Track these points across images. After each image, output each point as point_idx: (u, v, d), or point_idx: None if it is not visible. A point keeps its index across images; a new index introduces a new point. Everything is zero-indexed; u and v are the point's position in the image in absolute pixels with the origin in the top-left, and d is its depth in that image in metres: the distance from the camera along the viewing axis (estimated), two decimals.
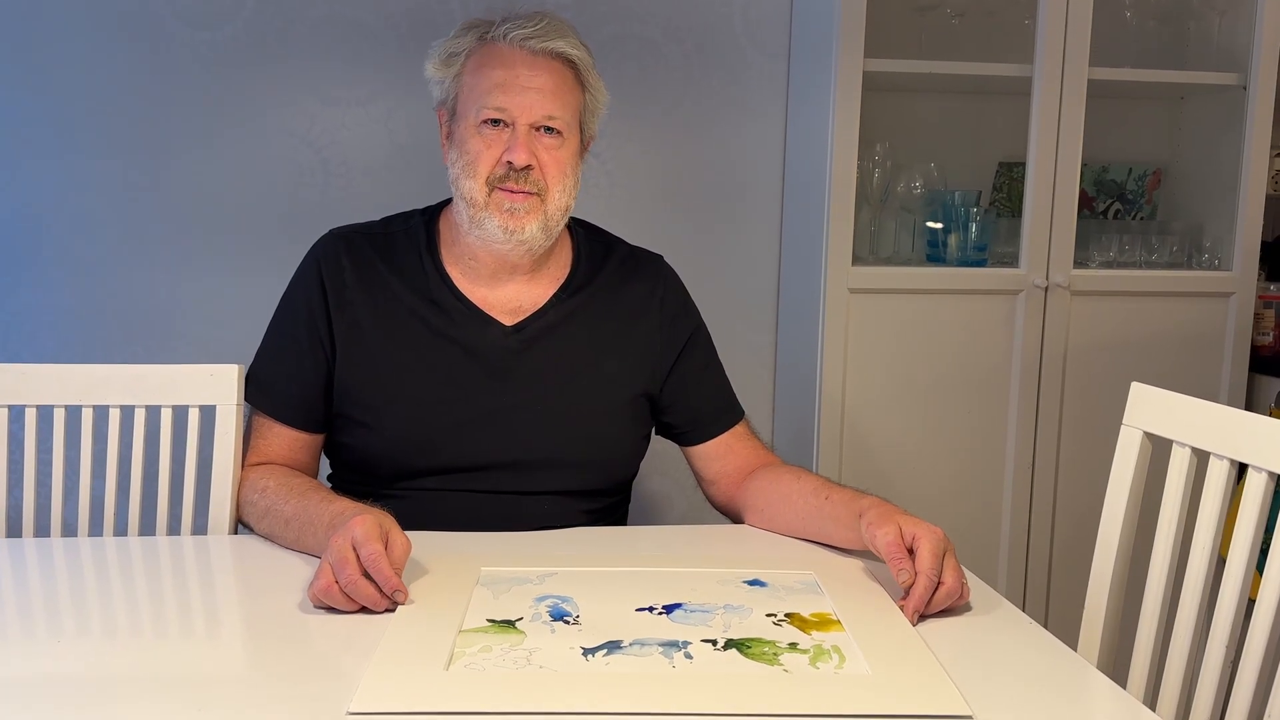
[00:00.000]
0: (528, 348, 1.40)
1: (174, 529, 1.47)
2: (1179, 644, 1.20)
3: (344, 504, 1.20)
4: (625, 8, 2.40)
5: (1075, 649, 1.06)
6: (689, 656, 0.96)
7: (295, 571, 1.19)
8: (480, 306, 1.40)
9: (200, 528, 1.43)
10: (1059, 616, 2.29)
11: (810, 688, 0.90)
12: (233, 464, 1.40)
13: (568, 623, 1.03)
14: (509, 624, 1.03)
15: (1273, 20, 2.21)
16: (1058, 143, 2.19)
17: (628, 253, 1.52)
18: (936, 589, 1.07)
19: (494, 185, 1.34)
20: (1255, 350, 2.32)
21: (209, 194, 2.36)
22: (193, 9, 2.31)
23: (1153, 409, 1.30)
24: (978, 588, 1.17)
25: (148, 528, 1.48)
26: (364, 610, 1.06)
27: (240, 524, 1.39)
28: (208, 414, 1.43)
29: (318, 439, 1.43)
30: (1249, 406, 2.28)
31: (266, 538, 1.31)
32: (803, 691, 0.89)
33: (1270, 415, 2.02)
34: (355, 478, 1.43)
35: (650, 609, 1.07)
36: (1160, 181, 2.55)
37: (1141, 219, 2.54)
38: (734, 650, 0.98)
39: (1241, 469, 1.19)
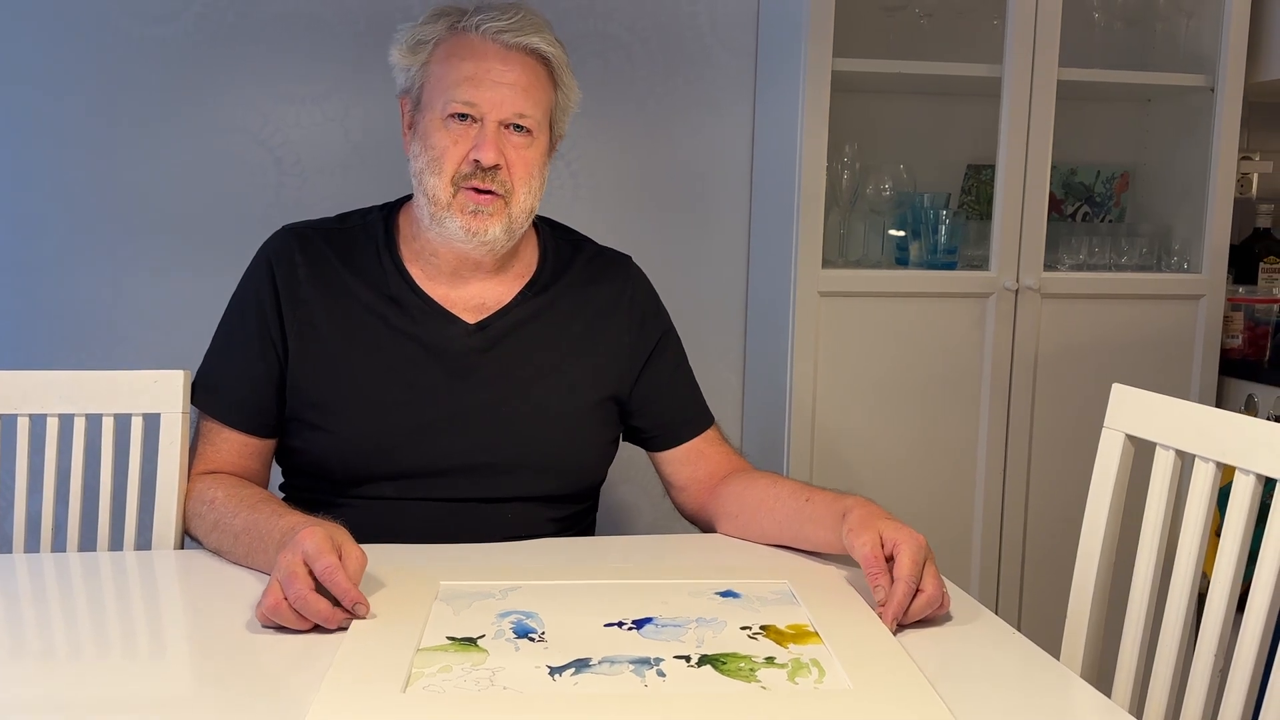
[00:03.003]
0: (491, 346, 1.35)
1: (116, 544, 1.40)
2: (1165, 652, 1.17)
3: (296, 518, 1.14)
4: (589, 5, 2.36)
5: (1055, 656, 1.02)
6: (661, 674, 0.91)
7: (244, 588, 1.13)
8: (442, 304, 1.35)
9: (144, 543, 1.36)
10: (1033, 620, 2.27)
11: (789, 704, 0.86)
12: (178, 475, 1.34)
13: (533, 640, 0.97)
14: (470, 641, 0.97)
15: (1239, 22, 2.21)
16: (1027, 144, 2.18)
17: (596, 252, 1.47)
18: (915, 596, 1.03)
19: (459, 184, 1.29)
20: (1224, 353, 2.31)
21: (157, 193, 2.28)
22: (143, 4, 2.23)
23: (1135, 411, 1.27)
24: (958, 597, 1.14)
25: (88, 543, 1.41)
26: (317, 629, 1.00)
27: (188, 537, 1.33)
28: (152, 423, 1.36)
29: (269, 445, 1.37)
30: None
31: (215, 552, 1.25)
32: (782, 708, 0.85)
33: None
34: (308, 484, 1.37)
35: (620, 624, 1.01)
36: (1128, 184, 2.54)
37: (1110, 221, 2.53)
38: (709, 666, 0.92)
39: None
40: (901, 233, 2.29)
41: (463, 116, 1.28)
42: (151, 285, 2.30)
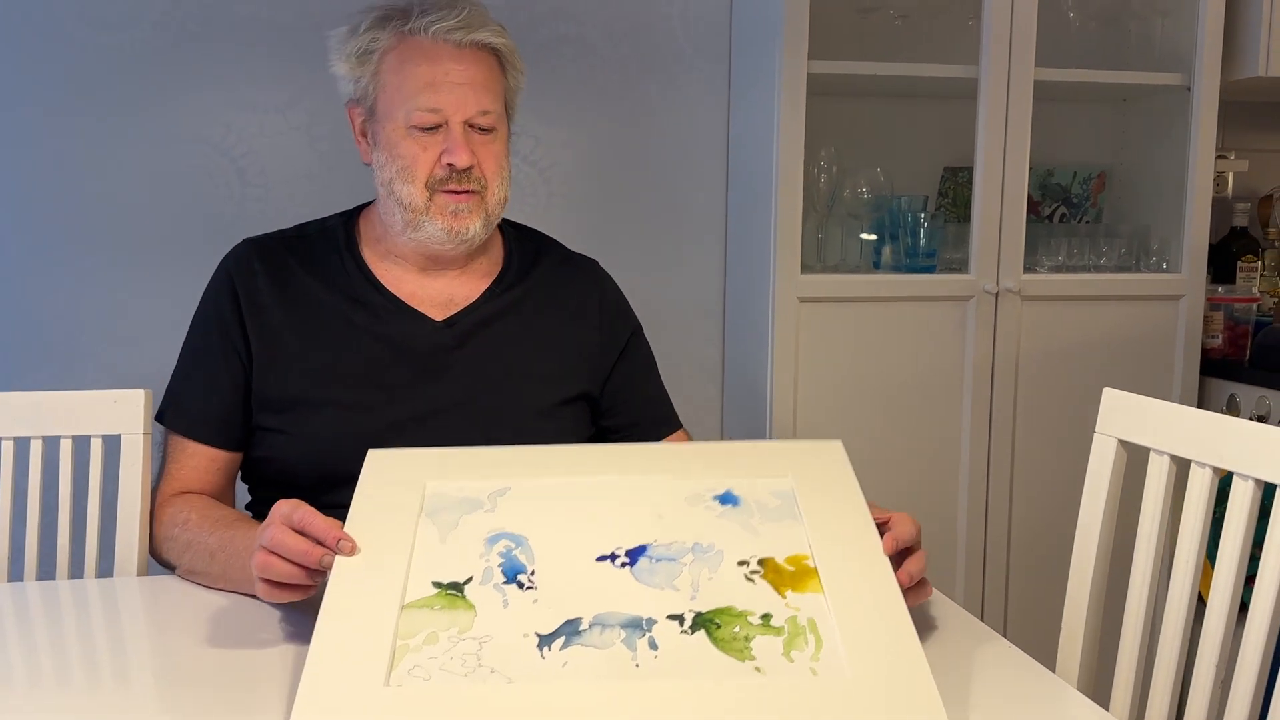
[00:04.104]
0: (460, 344, 1.33)
1: (76, 572, 1.34)
2: (1165, 663, 1.14)
3: None
4: (562, 8, 2.32)
5: (1046, 666, 1.00)
6: (654, 646, 0.86)
7: (212, 616, 1.09)
8: (408, 302, 1.34)
9: (106, 570, 1.31)
10: (1019, 626, 2.24)
11: (782, 698, 0.82)
12: (140, 499, 1.29)
13: (522, 586, 0.92)
14: (457, 592, 0.91)
15: (1214, 21, 2.20)
16: (1005, 145, 2.16)
17: (563, 255, 1.48)
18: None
19: (434, 188, 1.28)
20: (1205, 353, 2.30)
21: (116, 206, 2.21)
22: (97, 9, 2.16)
23: (1127, 415, 1.24)
24: (948, 608, 1.12)
25: (46, 571, 1.36)
26: (305, 588, 0.99)
27: (160, 563, 1.28)
28: (112, 445, 1.31)
29: (236, 459, 1.34)
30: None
31: (189, 575, 1.20)
32: (775, 701, 0.82)
33: None
34: (278, 494, 1.31)
35: (612, 557, 0.95)
36: (1105, 184, 2.53)
37: (1087, 222, 2.52)
38: (702, 633, 0.87)
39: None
40: (885, 231, 2.26)
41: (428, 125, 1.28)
42: (111, 301, 2.23)
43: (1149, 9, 2.33)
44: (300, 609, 1.06)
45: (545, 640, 0.86)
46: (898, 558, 1.00)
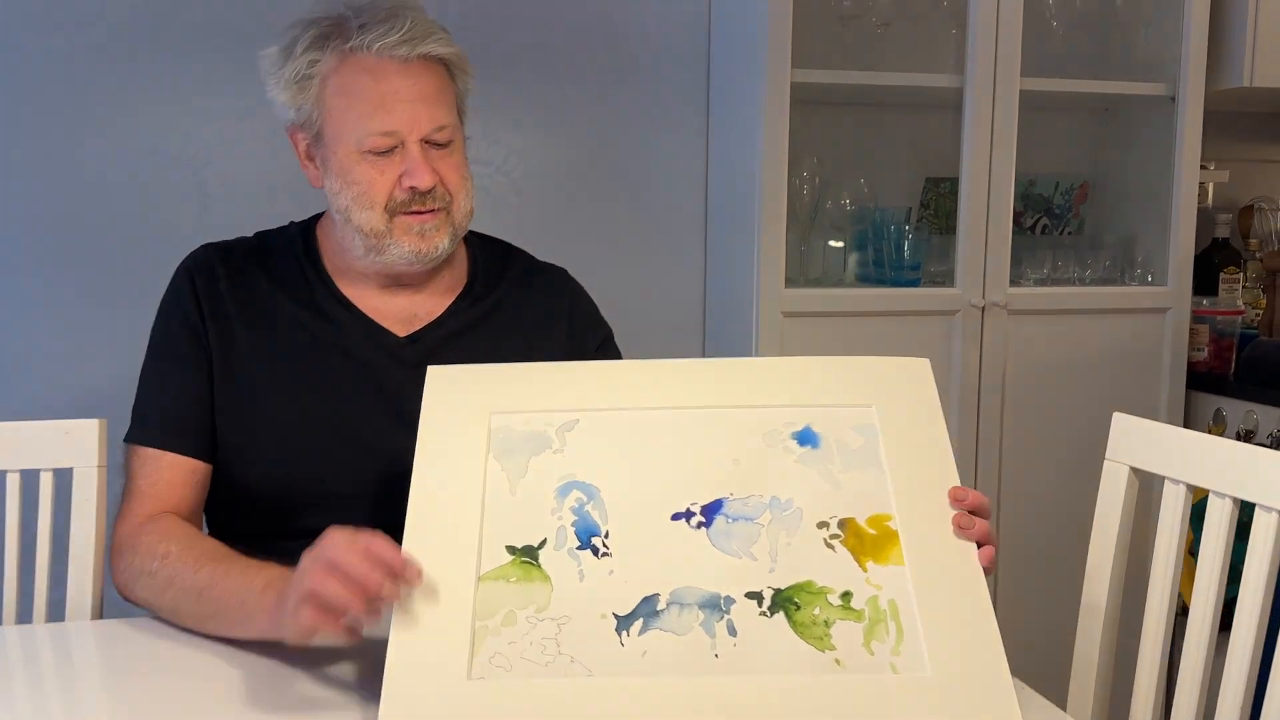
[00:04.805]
0: (424, 360, 1.23)
1: (25, 616, 1.26)
2: (1184, 704, 1.09)
3: (277, 567, 1.04)
4: (535, 15, 2.25)
5: (1035, 688, 0.97)
6: (732, 632, 0.87)
7: (177, 665, 1.01)
8: (371, 316, 1.28)
9: (57, 614, 1.23)
10: (1005, 644, 2.20)
11: (860, 698, 0.84)
12: (95, 538, 1.21)
13: (596, 552, 0.91)
14: (532, 560, 0.91)
15: (1199, 31, 2.18)
16: (991, 156, 2.12)
17: (530, 265, 1.41)
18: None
19: (395, 211, 1.21)
20: (1190, 366, 2.28)
21: (68, 220, 2.11)
22: (45, 12, 2.06)
23: (1140, 442, 1.19)
24: None
25: None
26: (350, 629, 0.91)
27: (132, 602, 1.17)
28: (63, 479, 1.24)
29: (209, 472, 1.25)
30: (1187, 425, 2.24)
31: (170, 616, 1.11)
32: (853, 703, 0.84)
33: (1209, 434, 1.97)
34: (237, 521, 1.25)
35: (688, 515, 0.93)
36: (1087, 195, 2.50)
37: (1070, 234, 2.49)
38: (781, 615, 0.88)
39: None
40: (861, 249, 2.22)
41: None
42: (67, 321, 2.12)
43: (1132, 18, 2.30)
44: (283, 657, 0.99)
45: (623, 623, 0.87)
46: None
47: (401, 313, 1.29)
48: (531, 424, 0.99)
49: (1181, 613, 2.10)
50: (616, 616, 0.87)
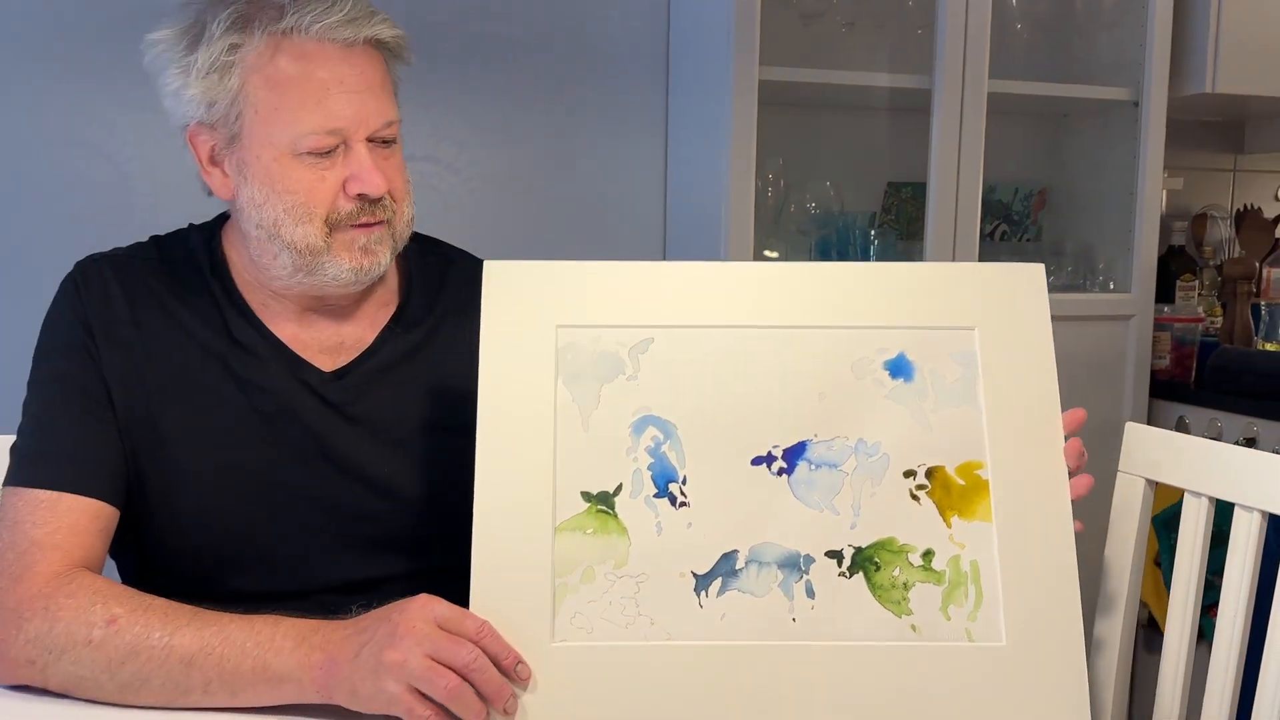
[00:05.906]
0: (354, 399, 1.09)
1: None
2: None
3: (289, 619, 0.90)
4: (487, 6, 2.15)
5: None
6: (810, 594, 0.85)
7: None
8: (290, 346, 1.09)
9: None
10: None
11: (934, 668, 0.83)
12: None
13: (674, 501, 0.87)
14: (608, 508, 0.87)
15: (1162, 37, 2.17)
16: (959, 160, 2.08)
17: (473, 271, 1.07)
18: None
19: (336, 224, 1.03)
20: (1153, 374, 2.26)
21: None
22: None
23: (1155, 452, 1.14)
24: None
25: None
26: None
27: (36, 684, 0.93)
28: None
29: (115, 518, 1.04)
30: None
31: (110, 696, 0.91)
32: (926, 672, 0.83)
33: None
34: (145, 584, 1.01)
35: (769, 460, 0.88)
36: (1045, 202, 2.48)
37: (1028, 240, 2.46)
38: (860, 576, 0.86)
39: None
40: (826, 254, 2.16)
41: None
42: None
43: (1093, 23, 2.29)
44: None
45: (701, 582, 0.85)
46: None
47: (326, 342, 1.10)
48: (601, 342, 0.91)
49: (1149, 624, 2.08)
50: (695, 575, 0.85)
